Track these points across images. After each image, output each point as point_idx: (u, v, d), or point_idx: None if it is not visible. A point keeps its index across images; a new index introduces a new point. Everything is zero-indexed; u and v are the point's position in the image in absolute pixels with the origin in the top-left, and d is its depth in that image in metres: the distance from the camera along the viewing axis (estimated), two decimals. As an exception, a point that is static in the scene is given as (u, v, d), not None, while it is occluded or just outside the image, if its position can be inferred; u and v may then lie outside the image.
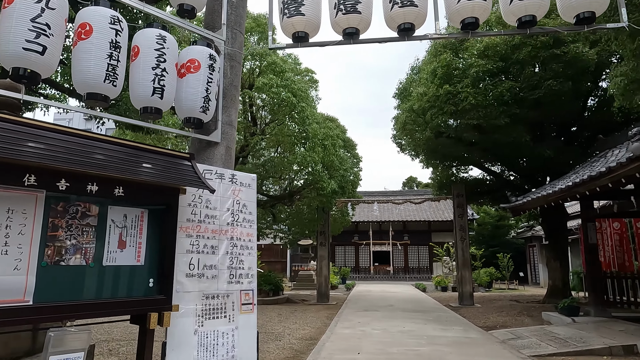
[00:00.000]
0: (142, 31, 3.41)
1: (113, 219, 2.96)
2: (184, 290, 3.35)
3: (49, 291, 2.57)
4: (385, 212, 30.16)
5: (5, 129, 2.45)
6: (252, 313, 3.83)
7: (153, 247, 3.15)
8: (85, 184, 2.70)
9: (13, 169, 2.40)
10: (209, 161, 3.93)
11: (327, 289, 14.98)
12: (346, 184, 13.98)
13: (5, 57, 2.68)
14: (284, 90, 11.15)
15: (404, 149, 15.94)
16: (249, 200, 4.04)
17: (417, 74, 13.21)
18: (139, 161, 3.05)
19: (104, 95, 3.09)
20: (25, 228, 2.52)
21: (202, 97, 3.67)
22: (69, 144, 2.71)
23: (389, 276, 29.67)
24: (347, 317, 10.59)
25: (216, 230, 3.70)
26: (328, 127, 13.68)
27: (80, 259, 2.75)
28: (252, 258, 3.95)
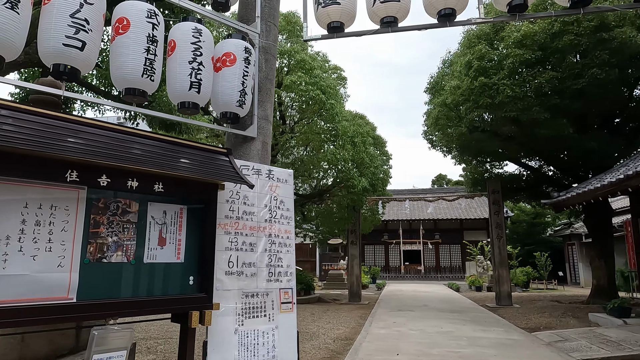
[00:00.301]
0: (178, 25, 3.36)
1: (153, 215, 2.91)
2: (223, 288, 3.28)
3: (92, 289, 2.54)
4: (415, 211, 29.65)
5: (47, 124, 2.42)
6: (292, 312, 3.72)
7: (192, 244, 3.08)
8: (125, 179, 2.66)
9: (55, 165, 2.37)
10: (246, 157, 3.85)
11: (359, 289, 14.79)
12: (377, 182, 13.74)
13: (45, 53, 2.67)
14: (313, 88, 11.05)
15: (435, 145, 15.54)
16: (286, 197, 3.93)
17: (449, 67, 12.82)
18: (177, 156, 2.99)
19: (142, 90, 3.04)
20: (68, 225, 2.50)
21: (238, 90, 3.59)
22: (108, 139, 2.67)
23: (420, 276, 29.14)
24: (381, 317, 10.38)
25: (254, 227, 3.61)
26: (358, 124, 13.49)
27: (122, 256, 2.71)
28: (290, 256, 3.84)
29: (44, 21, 2.66)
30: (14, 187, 2.32)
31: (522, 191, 15.80)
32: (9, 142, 2.11)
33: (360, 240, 15.87)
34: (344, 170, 12.34)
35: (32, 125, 2.34)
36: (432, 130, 14.07)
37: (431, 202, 24.72)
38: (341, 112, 12.75)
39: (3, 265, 2.23)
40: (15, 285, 2.26)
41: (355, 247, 15.44)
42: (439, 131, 13.40)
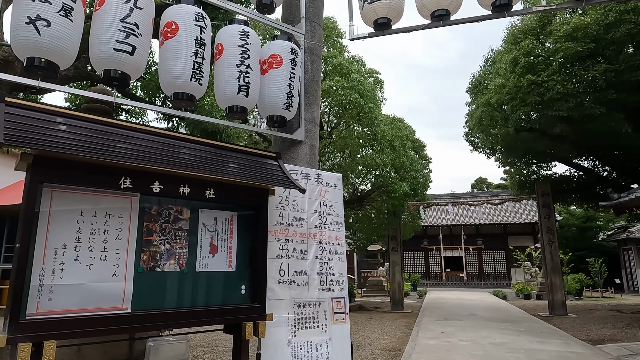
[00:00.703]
0: (225, 28, 3.29)
1: (204, 222, 2.83)
2: (275, 297, 3.15)
3: (145, 298, 2.46)
4: (456, 216, 28.73)
5: (100, 130, 2.38)
6: (345, 323, 3.54)
7: (243, 252, 2.97)
8: (177, 186, 2.59)
9: (109, 171, 2.33)
10: (293, 161, 3.73)
11: (402, 296, 14.37)
12: (418, 186, 13.35)
13: (97, 59, 2.65)
14: (351, 92, 10.88)
15: (477, 147, 14.94)
16: (335, 202, 3.77)
17: (491, 65, 12.31)
18: (226, 161, 2.90)
19: (190, 95, 2.98)
20: (122, 233, 2.44)
21: (285, 93, 3.48)
22: (159, 144, 2.62)
23: (462, 283, 28.13)
24: (428, 326, 9.97)
25: (304, 234, 3.47)
26: (397, 128, 13.19)
27: (174, 265, 2.64)
28: (342, 263, 3.67)
29: (95, 27, 2.65)
30: (70, 195, 2.29)
31: (573, 193, 14.90)
32: (65, 148, 2.07)
33: (402, 246, 15.46)
34: (384, 174, 12.05)
35: (86, 132, 2.31)
36: (474, 131, 13.54)
37: (475, 206, 23.85)
38: (379, 115, 12.51)
39: (60, 274, 2.19)
40: (72, 295, 2.21)
41: (396, 253, 15.05)
42: (482, 132, 12.86)
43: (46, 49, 2.39)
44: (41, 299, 2.12)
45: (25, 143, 1.97)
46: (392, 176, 12.11)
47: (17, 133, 1.99)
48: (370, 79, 14.15)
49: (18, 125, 2.05)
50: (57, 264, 2.19)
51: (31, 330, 1.97)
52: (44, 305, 2.11)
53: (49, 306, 2.13)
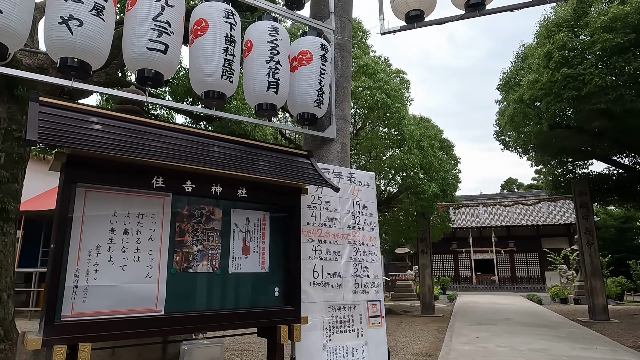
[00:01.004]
0: (255, 24, 3.23)
1: (236, 222, 2.76)
2: (309, 300, 3.04)
3: (179, 300, 2.41)
4: (486, 217, 27.98)
5: (132, 129, 2.35)
6: (381, 327, 3.40)
7: (276, 253, 2.89)
8: (209, 185, 2.53)
9: (142, 171, 2.28)
10: (325, 159, 3.63)
11: (432, 300, 14.03)
12: (447, 187, 13.02)
13: (130, 59, 2.63)
14: (377, 92, 10.72)
15: (509, 146, 14.46)
16: (369, 201, 3.65)
17: (523, 61, 11.90)
18: (258, 159, 2.83)
19: (221, 93, 2.93)
20: (155, 233, 2.40)
21: (316, 90, 3.38)
22: (190, 142, 2.57)
23: (493, 286, 27.33)
24: (461, 331, 9.66)
25: (338, 235, 3.36)
26: (424, 127, 12.93)
27: (207, 266, 2.57)
28: (376, 265, 3.54)
29: (128, 27, 2.63)
30: (103, 196, 2.26)
31: (613, 192, 14.22)
32: (98, 147, 2.03)
33: (431, 249, 15.12)
34: (412, 175, 11.81)
35: (119, 131, 2.27)
36: (506, 129, 13.11)
37: (507, 208, 23.13)
38: (406, 115, 12.29)
39: (94, 275, 2.16)
40: (106, 296, 2.17)
41: (425, 256, 14.73)
42: (514, 130, 12.43)
43: (79, 49, 2.37)
44: (76, 301, 2.08)
45: (58, 142, 1.95)
46: (420, 177, 11.87)
47: (51, 132, 1.97)
48: (396, 79, 13.95)
49: (52, 124, 2.03)
50: (91, 265, 2.15)
51: (66, 332, 1.94)
52: (78, 307, 2.08)
53: (83, 308, 2.09)
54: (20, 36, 2.29)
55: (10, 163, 4.89)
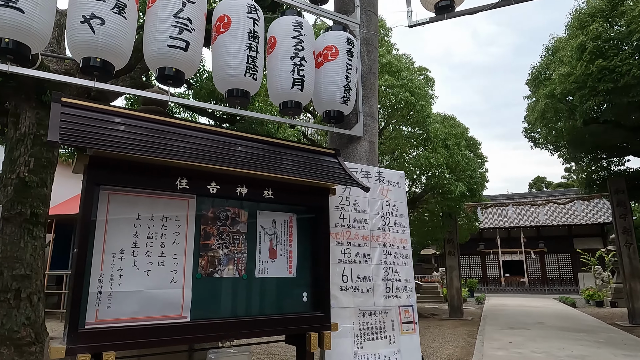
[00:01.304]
0: (278, 20, 3.13)
1: (262, 225, 2.66)
2: (338, 305, 2.91)
3: (205, 306, 2.32)
4: (514, 217, 27.19)
5: (155, 129, 2.27)
6: (414, 333, 3.23)
7: (304, 257, 2.77)
8: (234, 186, 2.43)
9: (165, 172, 2.20)
10: (352, 158, 3.49)
11: (460, 303, 13.65)
12: (475, 186, 12.64)
13: (151, 57, 2.56)
14: (401, 90, 10.50)
15: (539, 143, 13.95)
16: (398, 201, 3.49)
17: (553, 54, 11.44)
18: (283, 158, 2.72)
19: (244, 91, 2.83)
20: (179, 237, 2.31)
21: (342, 86, 3.25)
22: (213, 142, 2.48)
23: (523, 289, 26.50)
24: (492, 335, 9.32)
25: (367, 237, 3.21)
26: (450, 125, 12.60)
27: (233, 270, 2.47)
28: (408, 268, 3.37)
29: (148, 24, 2.56)
30: (127, 198, 2.19)
31: (652, 190, 13.52)
32: (120, 148, 1.96)
33: (459, 250, 14.74)
34: (438, 175, 11.51)
35: (141, 131, 2.20)
36: (536, 126, 12.64)
37: (537, 207, 22.37)
38: (431, 114, 12.01)
39: (119, 281, 2.09)
40: (130, 302, 2.10)
41: (453, 257, 14.36)
42: (544, 126, 11.97)
43: (101, 48, 2.31)
44: (100, 307, 2.01)
45: (80, 142, 1.88)
46: (446, 176, 11.56)
47: (73, 133, 1.90)
48: (420, 77, 13.67)
49: (74, 125, 1.97)
50: (115, 270, 2.08)
51: (90, 340, 1.86)
52: (103, 314, 2.01)
53: (108, 315, 2.02)
54: (42, 37, 2.25)
55: (39, 168, 4.95)
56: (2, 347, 4.27)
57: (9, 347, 4.31)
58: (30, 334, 4.51)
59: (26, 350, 4.40)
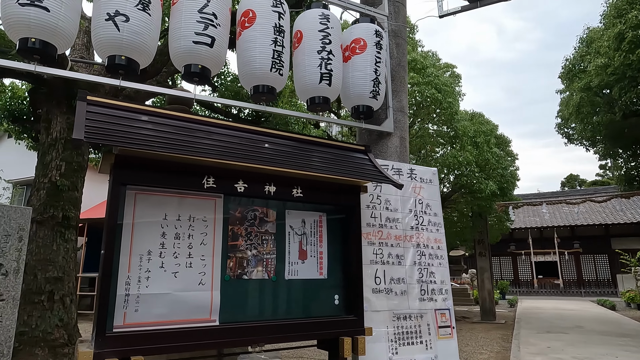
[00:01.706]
0: (304, 14, 3.03)
1: (291, 225, 2.56)
2: (372, 309, 2.78)
3: (234, 310, 2.23)
4: (547, 217, 26.26)
5: (181, 127, 2.21)
6: (452, 338, 3.06)
7: (335, 257, 2.65)
8: (262, 184, 2.34)
9: (192, 170, 2.14)
10: (382, 155, 3.35)
11: (493, 305, 13.21)
12: (506, 185, 12.23)
13: (176, 55, 2.51)
14: (427, 88, 10.26)
15: (573, 139, 13.38)
16: (432, 199, 3.33)
17: (588, 45, 10.93)
18: (312, 155, 2.61)
19: (270, 87, 2.74)
20: (207, 237, 2.24)
21: (371, 79, 3.12)
22: (240, 139, 2.40)
23: (557, 291, 25.50)
24: (528, 339, 8.94)
25: (400, 236, 3.07)
26: (479, 123, 12.24)
27: (262, 272, 2.38)
28: (443, 269, 3.21)
29: (174, 21, 2.51)
30: (153, 198, 2.13)
31: (698, 186, 12.75)
32: (145, 145, 1.89)
33: (490, 251, 14.29)
34: (467, 174, 11.19)
35: (167, 129, 2.14)
36: (570, 121, 12.12)
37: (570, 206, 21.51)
38: (458, 111, 11.69)
39: (146, 283, 2.02)
40: (158, 305, 2.03)
41: (484, 259, 13.93)
42: (580, 121, 11.46)
43: (126, 46, 2.27)
44: (128, 310, 1.96)
45: (105, 140, 1.83)
46: (476, 175, 11.22)
47: (98, 131, 1.85)
48: (446, 74, 13.36)
49: (99, 123, 1.92)
50: (143, 272, 2.02)
51: (118, 344, 1.81)
52: (130, 317, 1.95)
53: (135, 318, 1.96)
54: (68, 36, 2.22)
55: (70, 171, 5.03)
56: (37, 348, 4.33)
57: (43, 349, 4.37)
58: (63, 336, 4.57)
59: (60, 352, 4.46)
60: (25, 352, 4.31)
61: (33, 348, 4.33)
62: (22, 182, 13.08)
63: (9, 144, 13.45)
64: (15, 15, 2.05)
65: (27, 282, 4.50)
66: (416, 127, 12.41)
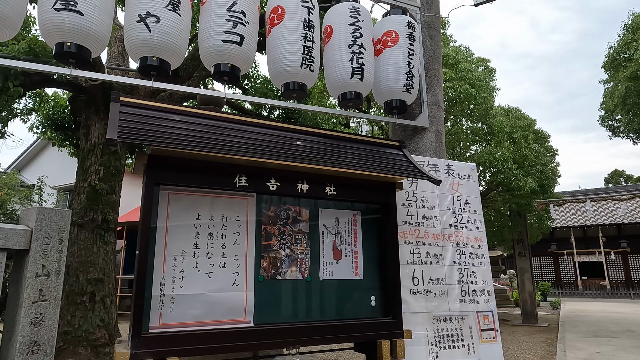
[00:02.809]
0: (334, 7, 2.97)
1: (325, 224, 2.49)
2: (410, 310, 2.67)
3: (268, 311, 2.19)
4: (592, 215, 25.02)
5: (213, 125, 2.19)
6: (496, 342, 2.91)
7: (370, 257, 2.56)
8: (295, 182, 2.28)
9: (224, 169, 2.11)
10: (417, 151, 3.23)
11: (534, 308, 12.67)
12: (546, 181, 11.70)
13: (206, 54, 2.50)
14: (460, 83, 9.97)
15: (618, 132, 12.62)
16: (471, 196, 3.18)
17: (634, 32, 10.28)
18: (345, 151, 2.54)
19: (301, 84, 2.69)
20: (240, 237, 2.21)
21: (404, 73, 3.02)
22: (272, 137, 2.36)
23: (603, 292, 24.20)
24: (575, 344, 8.48)
25: (438, 235, 2.94)
26: (516, 118, 11.79)
27: (296, 272, 2.33)
28: (485, 269, 3.05)
29: (203, 21, 2.50)
30: (186, 198, 2.12)
31: None
32: (178, 144, 1.88)
33: (530, 251, 13.73)
34: (504, 171, 10.77)
35: (199, 127, 2.12)
36: (615, 113, 11.45)
37: (616, 203, 20.39)
38: (493, 106, 11.31)
39: (180, 283, 2.01)
40: (193, 306, 2.01)
41: (524, 259, 13.40)
42: (626, 112, 10.80)
43: (157, 46, 2.28)
44: (163, 311, 1.94)
45: (137, 139, 1.82)
46: (514, 172, 10.80)
47: (131, 131, 1.85)
48: (480, 68, 12.96)
49: (132, 123, 1.92)
50: (177, 272, 2.01)
51: (154, 345, 1.79)
52: (166, 318, 1.94)
53: (170, 318, 1.94)
54: (102, 39, 2.25)
55: (108, 176, 5.17)
56: (80, 347, 4.47)
57: (86, 348, 4.50)
58: (104, 335, 4.69)
59: (101, 351, 4.58)
60: (69, 351, 4.45)
61: (76, 347, 4.47)
62: (65, 187, 13.68)
63: (53, 152, 14.12)
64: (51, 20, 2.09)
65: (70, 283, 4.66)
66: (449, 124, 12.10)
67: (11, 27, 2.11)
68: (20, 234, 1.96)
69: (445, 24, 11.51)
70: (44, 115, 7.00)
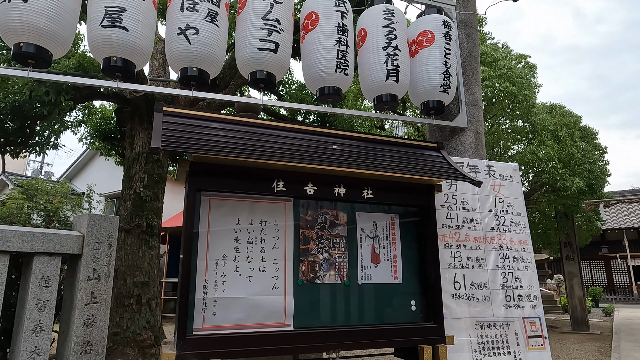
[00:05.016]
0: (367, 11, 2.96)
1: (363, 227, 2.48)
2: (452, 316, 2.60)
3: (307, 314, 2.20)
4: None
5: (251, 132, 2.23)
6: (544, 350, 2.78)
7: (409, 261, 2.52)
8: (332, 186, 2.29)
9: (262, 175, 2.15)
10: (456, 152, 3.16)
11: (585, 314, 12.00)
12: (595, 181, 11.10)
13: (243, 63, 2.56)
14: (500, 81, 9.67)
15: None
16: (513, 197, 3.07)
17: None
18: (381, 154, 2.52)
19: (336, 88, 2.71)
20: (279, 241, 2.24)
21: (441, 72, 2.96)
22: (308, 141, 2.38)
23: (662, 298, 22.62)
24: (631, 353, 7.96)
25: (479, 238, 2.86)
26: (560, 115, 11.28)
27: (335, 276, 2.33)
28: (531, 274, 2.93)
29: (239, 31, 2.57)
30: (227, 204, 2.17)
31: None
32: (218, 151, 1.93)
33: (579, 254, 13.05)
34: (548, 170, 10.32)
35: (238, 134, 2.17)
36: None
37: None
38: (535, 104, 10.88)
39: (222, 287, 2.06)
40: (234, 309, 2.06)
41: (572, 263, 12.74)
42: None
43: (196, 57, 2.36)
44: (206, 313, 2.00)
45: (180, 147, 1.89)
46: (559, 171, 10.32)
47: (173, 139, 1.92)
48: (519, 65, 12.52)
49: (174, 132, 1.99)
50: (219, 276, 2.06)
51: (198, 347, 1.84)
52: (209, 320, 1.99)
53: (213, 321, 2.00)
54: (145, 53, 2.36)
55: (152, 183, 5.38)
56: (128, 348, 4.66)
57: (134, 348, 4.68)
58: (150, 337, 4.87)
59: (148, 352, 4.75)
60: (118, 351, 4.65)
61: (125, 348, 4.66)
62: (112, 195, 14.36)
63: (101, 161, 14.87)
64: (99, 37, 2.21)
65: (118, 286, 4.87)
66: (488, 123, 11.75)
67: (63, 45, 2.24)
68: (74, 240, 2.08)
69: (482, 21, 11.22)
70: (92, 126, 7.39)
